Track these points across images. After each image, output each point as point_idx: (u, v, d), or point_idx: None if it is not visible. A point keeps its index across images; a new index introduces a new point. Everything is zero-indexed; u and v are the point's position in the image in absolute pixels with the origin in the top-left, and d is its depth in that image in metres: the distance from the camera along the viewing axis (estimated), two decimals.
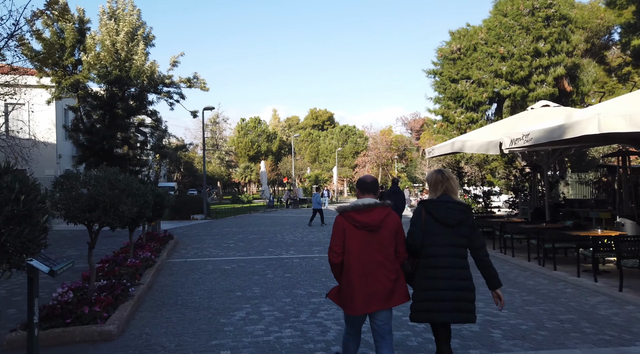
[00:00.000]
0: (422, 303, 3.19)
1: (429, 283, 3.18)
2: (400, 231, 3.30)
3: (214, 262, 9.70)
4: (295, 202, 33.38)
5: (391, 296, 3.19)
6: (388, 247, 3.21)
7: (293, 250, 11.51)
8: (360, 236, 3.18)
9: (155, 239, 11.65)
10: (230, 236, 14.95)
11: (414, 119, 79.14)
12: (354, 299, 3.15)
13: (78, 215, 5.05)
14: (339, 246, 3.22)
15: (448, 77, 16.39)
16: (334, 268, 3.29)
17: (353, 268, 3.18)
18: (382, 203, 3.27)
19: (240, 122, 59.26)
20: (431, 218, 3.25)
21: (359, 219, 3.18)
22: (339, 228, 3.24)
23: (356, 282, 3.16)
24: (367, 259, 3.17)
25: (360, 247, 3.18)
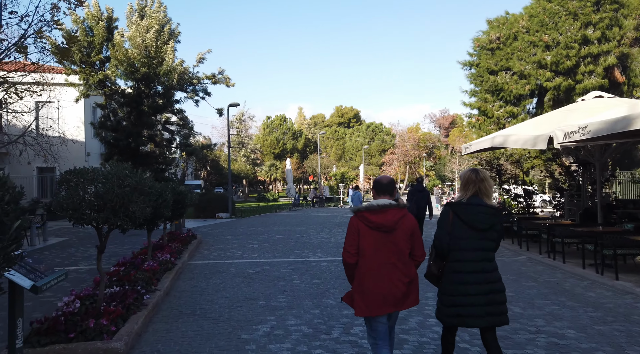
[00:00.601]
0: (451, 308, 3.16)
1: (457, 288, 3.15)
2: (416, 233, 3.22)
3: (238, 265, 9.13)
4: (321, 201, 32.71)
5: (404, 299, 3.14)
6: (403, 249, 3.15)
7: (320, 252, 10.84)
8: (374, 237, 3.13)
9: (177, 239, 11.20)
10: (255, 236, 14.42)
11: (442, 115, 77.25)
12: (367, 301, 3.11)
13: (84, 216, 4.52)
14: (352, 246, 3.18)
15: (486, 69, 15.33)
16: (348, 268, 3.26)
17: (367, 269, 3.14)
18: (397, 204, 3.20)
19: (265, 120, 59.07)
20: (459, 221, 3.18)
21: (372, 219, 3.13)
22: (353, 229, 3.20)
23: (369, 283, 3.12)
24: (380, 260, 3.12)
25: (374, 248, 3.13)
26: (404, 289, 3.12)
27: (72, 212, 4.48)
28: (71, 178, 4.65)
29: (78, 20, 21.75)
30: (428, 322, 5.30)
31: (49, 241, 13.37)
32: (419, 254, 3.23)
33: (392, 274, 3.11)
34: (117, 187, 4.67)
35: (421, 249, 3.25)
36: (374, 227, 3.14)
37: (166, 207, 7.45)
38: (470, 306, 3.11)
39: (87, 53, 21.92)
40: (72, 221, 4.55)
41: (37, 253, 11.09)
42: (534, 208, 13.85)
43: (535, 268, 8.82)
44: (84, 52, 21.79)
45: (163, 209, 7.35)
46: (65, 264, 9.41)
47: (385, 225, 3.13)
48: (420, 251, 3.24)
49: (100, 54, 21.73)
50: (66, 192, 4.55)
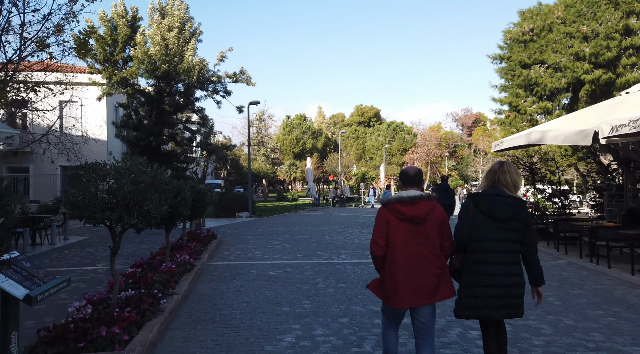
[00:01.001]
0: (469, 299, 3.12)
1: (477, 279, 3.10)
2: (446, 224, 3.18)
3: (259, 267, 8.73)
4: (341, 201, 32.19)
5: (436, 291, 3.09)
6: (433, 240, 3.11)
7: (344, 254, 10.37)
8: (404, 228, 3.10)
9: (197, 239, 10.90)
10: (275, 236, 14.04)
11: (465, 114, 75.76)
12: (398, 293, 3.07)
13: (96, 214, 4.16)
14: (381, 238, 3.14)
15: (518, 62, 14.54)
16: (376, 260, 3.22)
17: (397, 261, 3.09)
18: (427, 195, 3.16)
19: (285, 119, 58.87)
20: (479, 212, 3.15)
21: (403, 211, 3.09)
22: (382, 220, 3.17)
23: (400, 275, 3.07)
24: (411, 252, 3.08)
25: (404, 240, 3.09)
26: (435, 280, 3.07)
27: (82, 210, 4.13)
28: (82, 174, 4.30)
29: (105, 18, 21.87)
30: (470, 335, 4.78)
31: (70, 240, 13.28)
32: (449, 245, 3.20)
33: (423, 265, 3.07)
34: (131, 183, 4.30)
35: (450, 240, 3.22)
36: (404, 219, 3.08)
37: (185, 206, 7.11)
38: (489, 298, 3.06)
39: (110, 52, 22.01)
40: (82, 219, 4.20)
41: (56, 252, 10.94)
42: (569, 209, 13.05)
43: (578, 274, 8.15)
44: (108, 50, 21.89)
45: (181, 208, 7.01)
46: (83, 264, 9.19)
47: (416, 217, 3.08)
48: (449, 243, 3.21)
49: (123, 52, 21.77)
50: (76, 188, 4.20)
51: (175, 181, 7.23)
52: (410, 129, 57.83)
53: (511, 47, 15.12)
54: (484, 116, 75.42)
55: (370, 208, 29.72)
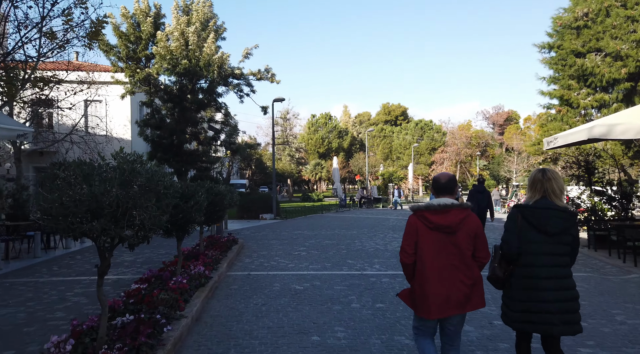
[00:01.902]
0: (522, 314, 3.04)
1: (530, 294, 3.02)
2: (480, 234, 3.07)
3: (283, 279, 7.75)
4: (369, 202, 30.98)
5: (467, 301, 3.01)
6: (465, 250, 3.01)
7: (378, 263, 9.27)
8: (434, 237, 3.02)
9: (216, 244, 10.02)
10: (301, 240, 13.05)
11: (496, 112, 73.04)
12: (428, 303, 2.99)
13: (74, 226, 3.24)
14: (410, 246, 3.09)
15: (570, 51, 13.05)
16: (405, 268, 3.18)
17: (427, 270, 3.02)
18: (459, 204, 3.04)
19: (310, 118, 57.91)
20: (528, 225, 3.06)
21: (432, 220, 3.01)
22: (411, 228, 3.10)
23: (430, 285, 3.00)
24: (442, 262, 3.00)
25: (434, 249, 3.02)
26: (466, 291, 3.01)
27: (56, 220, 3.21)
28: (59, 172, 3.38)
29: (126, 15, 21.43)
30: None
31: (86, 243, 12.65)
32: (483, 255, 3.09)
33: (454, 276, 3.00)
34: (120, 186, 3.36)
35: (485, 250, 3.10)
36: (434, 228, 3.01)
37: (198, 212, 6.18)
38: (544, 313, 2.97)
39: (133, 49, 21.55)
40: (57, 232, 3.29)
41: (68, 257, 10.28)
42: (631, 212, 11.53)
43: None
44: (130, 48, 21.43)
45: (194, 214, 6.08)
46: (93, 272, 8.42)
47: (446, 226, 2.99)
48: (484, 253, 3.09)
49: (146, 50, 21.24)
50: (51, 192, 3.29)
51: (186, 183, 6.32)
52: (439, 127, 55.89)
53: (562, 35, 13.61)
54: (516, 114, 72.62)
55: (396, 210, 28.40)
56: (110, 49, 20.94)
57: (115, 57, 21.37)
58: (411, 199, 42.09)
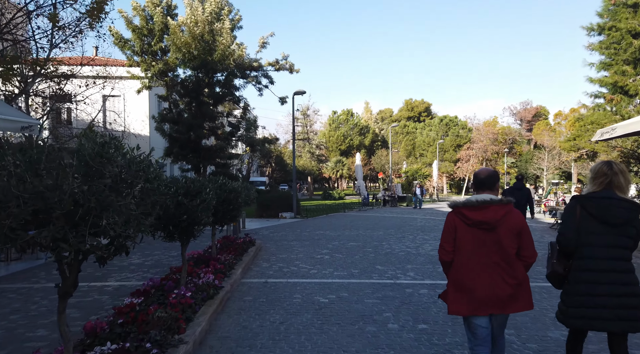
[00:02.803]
0: (577, 309, 2.93)
1: (585, 288, 2.92)
2: (524, 231, 2.93)
3: (305, 288, 6.75)
4: (393, 200, 29.72)
5: (510, 301, 2.89)
6: (507, 248, 2.89)
7: (412, 270, 8.17)
8: (472, 234, 2.94)
9: (231, 246, 9.10)
10: (323, 242, 12.04)
11: (524, 108, 70.38)
12: (464, 300, 2.93)
13: (14, 233, 2.29)
14: (449, 243, 3.03)
15: (627, 31, 11.58)
16: (444, 265, 3.13)
17: (463, 267, 2.96)
18: (499, 200, 2.94)
19: (331, 115, 56.77)
20: (588, 216, 2.96)
21: (470, 216, 2.93)
22: (450, 225, 3.04)
23: (467, 282, 2.93)
24: (480, 259, 2.92)
25: (472, 246, 2.94)
26: (510, 291, 2.87)
27: None
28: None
29: (138, 8, 20.80)
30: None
31: None
32: (528, 254, 2.93)
33: (494, 273, 2.89)
34: (83, 177, 2.40)
35: (530, 249, 2.94)
36: (472, 225, 2.93)
37: (206, 211, 5.23)
38: (599, 308, 2.84)
39: (147, 42, 20.91)
40: None
41: None
42: None
43: None
44: (145, 41, 20.80)
45: (201, 213, 5.13)
46: (93, 277, 7.60)
47: (484, 222, 2.89)
48: (529, 251, 2.93)
49: (161, 42, 20.56)
50: None
51: (191, 178, 5.38)
52: (464, 123, 53.94)
53: (615, 14, 12.16)
54: (545, 110, 69.83)
55: (421, 209, 27.07)
56: (124, 43, 20.35)
57: (130, 51, 20.79)
58: (436, 198, 40.60)
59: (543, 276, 7.27)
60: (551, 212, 20.70)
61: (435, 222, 17.89)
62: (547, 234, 13.98)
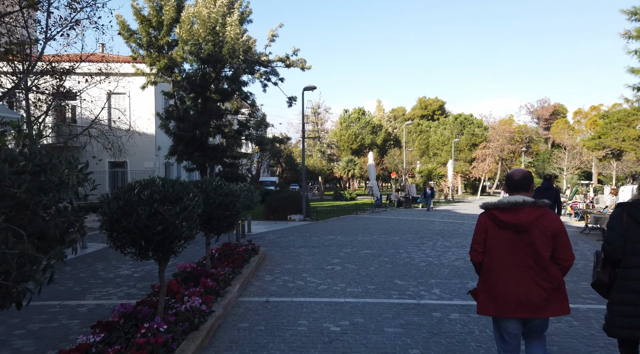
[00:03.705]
0: (622, 318, 2.87)
1: (631, 297, 2.84)
2: (561, 234, 2.83)
3: (312, 311, 5.69)
4: (407, 201, 28.49)
5: (544, 305, 2.81)
6: (541, 251, 2.80)
7: (437, 286, 7.06)
8: (504, 236, 2.89)
9: (231, 256, 8.09)
10: (334, 249, 10.96)
11: (541, 106, 68.37)
12: (496, 302, 2.88)
13: None
14: (479, 244, 3.01)
15: None
16: (477, 267, 3.09)
17: (494, 269, 2.91)
18: (533, 202, 2.85)
19: (342, 113, 55.59)
20: (636, 224, 2.90)
21: (502, 218, 2.88)
22: (481, 226, 3.02)
23: (498, 284, 2.88)
24: (513, 262, 2.86)
25: (504, 248, 2.88)
26: (544, 295, 2.80)
27: None
28: None
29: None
30: None
31: (89, 249, 11.03)
32: (563, 257, 2.83)
33: (527, 277, 2.82)
34: None
35: (566, 252, 2.83)
36: (503, 226, 2.88)
37: (189, 220, 4.20)
38: None
39: (155, 36, 20.03)
40: None
41: (69, 265, 8.59)
42: None
43: None
44: (152, 34, 19.92)
45: (182, 225, 4.11)
46: (71, 293, 6.64)
47: (517, 225, 2.83)
48: (564, 255, 2.83)
49: (168, 36, 19.65)
50: None
51: (171, 181, 4.35)
52: (480, 121, 52.26)
53: None
54: (563, 108, 67.78)
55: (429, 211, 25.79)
56: (130, 34, 19.51)
57: (135, 44, 19.93)
58: (451, 199, 39.23)
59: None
60: (578, 215, 19.35)
61: (455, 226, 16.68)
62: (580, 240, 12.71)
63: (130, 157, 23.96)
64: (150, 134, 24.71)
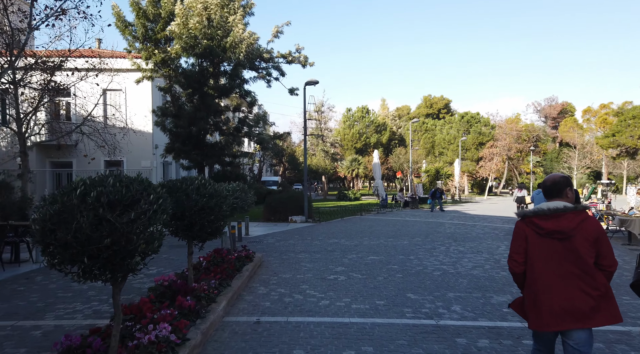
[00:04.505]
0: None
1: None
2: (602, 239, 2.72)
3: (310, 336, 4.73)
4: (414, 202, 27.46)
5: (592, 314, 2.66)
6: (585, 257, 2.68)
7: (456, 301, 6.08)
8: (546, 244, 2.76)
9: (221, 265, 7.15)
10: (338, 255, 10.00)
11: (549, 104, 67.05)
12: (542, 315, 2.74)
13: None
14: (519, 254, 2.87)
15: None
16: (516, 277, 2.96)
17: (538, 280, 2.78)
18: (574, 207, 2.76)
19: (346, 112, 54.56)
20: None
21: (543, 226, 2.76)
22: (520, 235, 2.88)
23: (543, 295, 2.75)
24: (557, 270, 2.72)
25: (547, 257, 2.75)
26: (592, 303, 2.65)
27: None
28: None
29: None
30: None
31: None
32: (608, 263, 2.70)
33: (573, 285, 2.68)
34: None
35: (610, 258, 2.71)
36: (544, 234, 2.76)
37: (145, 231, 3.25)
38: None
39: (151, 28, 19.11)
40: None
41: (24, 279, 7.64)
42: None
43: None
44: (149, 26, 19.01)
45: (138, 236, 3.17)
46: (31, 310, 5.71)
47: (559, 232, 2.72)
48: (608, 260, 2.70)
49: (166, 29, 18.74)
50: None
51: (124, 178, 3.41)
52: (487, 120, 51.07)
53: None
54: (571, 106, 66.44)
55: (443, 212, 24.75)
56: (125, 26, 18.61)
57: (131, 36, 19.03)
58: (458, 199, 38.14)
59: None
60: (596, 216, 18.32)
61: (466, 228, 15.67)
62: None
63: (127, 155, 23.10)
64: (147, 132, 23.80)
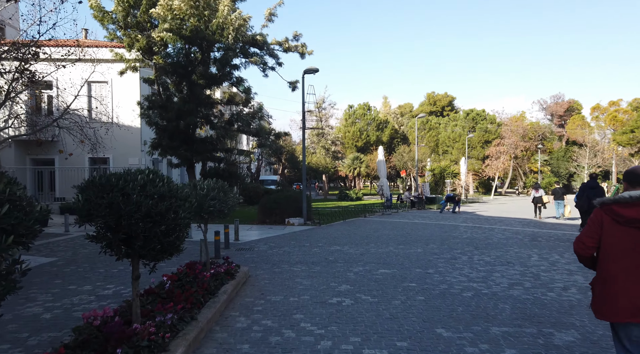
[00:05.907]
0: None
1: None
2: None
3: None
4: (420, 202, 25.78)
5: None
6: None
7: (506, 340, 4.42)
8: (624, 233, 2.65)
9: (188, 288, 5.47)
10: (341, 268, 8.32)
11: (555, 102, 65.33)
12: (614, 305, 2.65)
13: None
14: (590, 239, 2.78)
15: None
16: (581, 259, 2.89)
17: (612, 270, 2.69)
18: None
19: (347, 109, 52.90)
20: None
21: (623, 213, 2.66)
22: (596, 221, 2.79)
23: (617, 285, 2.65)
24: (633, 260, 2.61)
25: (624, 245, 2.65)
26: None
27: None
28: None
29: None
30: None
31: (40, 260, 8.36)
32: None
33: None
34: None
35: None
36: (624, 222, 2.65)
37: None
38: None
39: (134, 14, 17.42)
40: None
41: None
42: None
43: None
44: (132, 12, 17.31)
45: None
46: None
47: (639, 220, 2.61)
48: None
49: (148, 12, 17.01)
50: None
51: None
52: (493, 117, 49.39)
53: None
54: (578, 104, 64.72)
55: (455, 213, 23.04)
56: (104, 15, 16.89)
57: (111, 22, 17.34)
58: (464, 199, 36.48)
59: None
60: None
61: (484, 232, 13.98)
62: None
63: (113, 152, 21.48)
64: (135, 127, 22.15)
